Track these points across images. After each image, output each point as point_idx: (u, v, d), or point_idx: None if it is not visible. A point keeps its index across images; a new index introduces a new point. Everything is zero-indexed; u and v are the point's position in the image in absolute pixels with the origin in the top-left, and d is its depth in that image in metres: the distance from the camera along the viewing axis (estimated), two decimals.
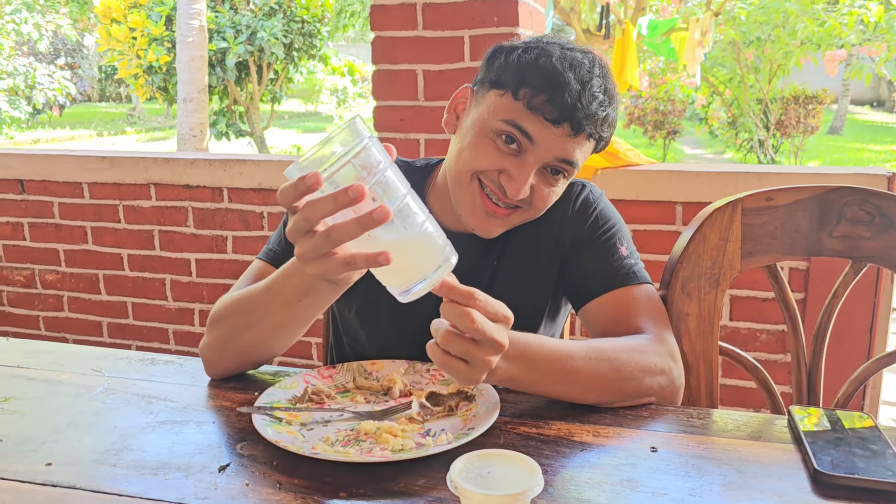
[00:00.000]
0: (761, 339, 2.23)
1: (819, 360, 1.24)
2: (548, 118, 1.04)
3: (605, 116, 1.07)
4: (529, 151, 1.06)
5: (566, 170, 1.09)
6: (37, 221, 2.97)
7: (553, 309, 1.24)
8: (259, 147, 10.35)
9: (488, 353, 0.83)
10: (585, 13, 10.48)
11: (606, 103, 1.07)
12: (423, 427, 0.93)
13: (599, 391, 0.98)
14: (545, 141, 1.05)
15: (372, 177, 0.76)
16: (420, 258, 0.80)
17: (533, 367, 0.94)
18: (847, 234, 1.19)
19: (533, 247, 1.20)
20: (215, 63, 9.00)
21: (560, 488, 0.80)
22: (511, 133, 1.06)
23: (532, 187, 1.08)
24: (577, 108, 1.04)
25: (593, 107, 1.04)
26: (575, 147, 1.07)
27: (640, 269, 1.16)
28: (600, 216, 1.20)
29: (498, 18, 2.22)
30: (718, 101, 12.11)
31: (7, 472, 0.85)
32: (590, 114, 1.04)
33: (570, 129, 1.05)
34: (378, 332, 1.23)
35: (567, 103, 1.03)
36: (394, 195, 0.77)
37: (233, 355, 1.09)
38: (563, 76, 1.04)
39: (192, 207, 2.76)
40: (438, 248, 0.80)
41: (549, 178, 1.10)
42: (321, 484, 0.81)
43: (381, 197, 0.76)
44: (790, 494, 0.78)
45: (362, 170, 0.75)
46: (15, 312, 3.10)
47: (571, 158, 1.07)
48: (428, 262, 0.80)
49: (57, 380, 1.12)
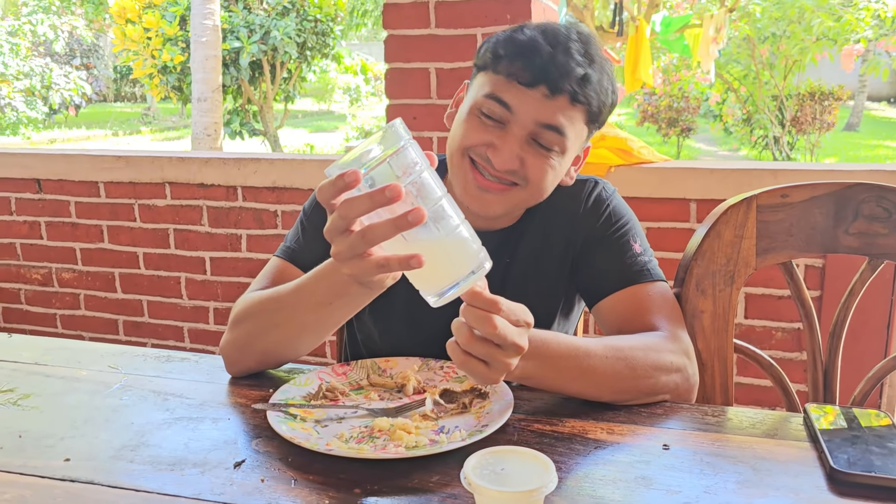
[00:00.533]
0: (777, 337, 2.21)
1: (835, 358, 1.23)
2: (522, 82, 1.04)
3: (586, 77, 1.05)
4: (512, 122, 1.06)
5: (556, 141, 1.07)
6: (54, 220, 3.00)
7: (566, 306, 1.24)
8: (272, 146, 10.39)
9: (509, 355, 0.84)
10: (598, 10, 10.44)
11: (586, 64, 1.05)
12: (436, 424, 0.93)
13: (615, 389, 0.98)
14: (523, 107, 1.05)
15: (407, 177, 0.76)
16: (454, 262, 0.80)
17: (550, 364, 0.94)
18: (864, 231, 1.18)
19: (546, 244, 1.20)
20: (229, 62, 9.06)
21: (574, 485, 0.80)
22: (491, 107, 1.06)
23: (523, 161, 1.07)
24: (550, 66, 1.03)
25: (570, 65, 1.03)
26: (556, 111, 1.05)
27: (654, 266, 1.16)
28: (613, 213, 1.19)
29: (511, 16, 2.22)
30: (733, 98, 12.03)
31: (27, 467, 0.86)
32: (565, 72, 1.03)
33: (547, 90, 1.03)
34: (391, 331, 1.23)
35: (539, 63, 1.03)
36: (429, 197, 0.77)
37: (255, 354, 1.09)
38: (535, 41, 1.05)
39: (207, 206, 2.78)
40: (472, 252, 0.80)
41: (539, 150, 1.07)
42: (336, 480, 0.82)
43: (416, 198, 0.76)
44: (806, 492, 0.78)
45: (399, 170, 0.76)
46: (32, 311, 3.13)
47: (554, 123, 1.05)
48: (461, 266, 0.80)
49: (74, 377, 1.13)
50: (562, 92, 1.04)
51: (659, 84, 11.99)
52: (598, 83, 1.07)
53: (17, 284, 3.13)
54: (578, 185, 1.21)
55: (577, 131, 1.09)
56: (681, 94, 12.10)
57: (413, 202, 0.76)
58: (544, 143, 1.07)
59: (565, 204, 1.19)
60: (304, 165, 2.63)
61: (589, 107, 1.07)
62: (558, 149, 1.08)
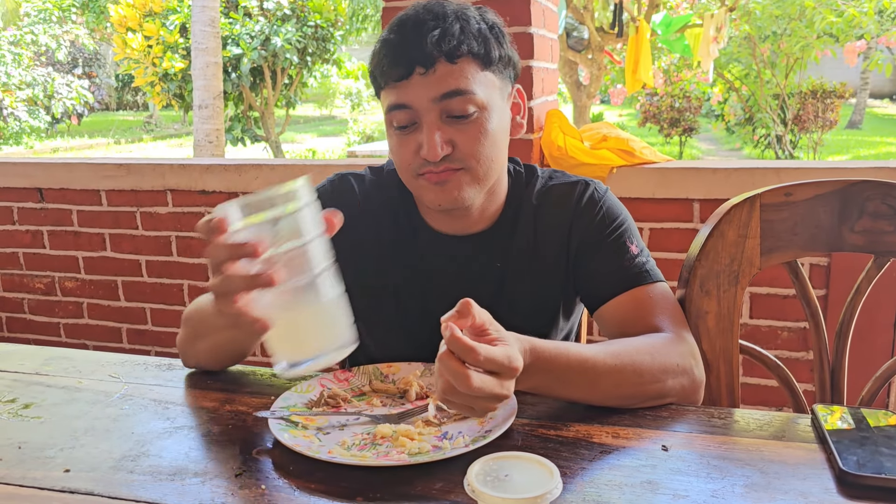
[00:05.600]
0: (782, 337, 2.20)
1: (842, 358, 1.22)
2: (399, 78, 1.04)
3: (445, 31, 1.02)
4: (418, 115, 1.05)
5: (465, 103, 1.04)
6: (56, 229, 3.00)
7: (567, 308, 1.22)
8: (274, 152, 10.41)
9: (490, 404, 0.82)
10: (599, 11, 10.44)
11: (441, 21, 1.03)
12: (439, 430, 0.92)
13: (623, 395, 0.97)
14: (415, 95, 1.04)
15: (284, 241, 0.77)
16: (315, 337, 0.80)
17: (558, 378, 0.93)
18: (869, 229, 1.17)
19: (539, 249, 1.18)
20: (230, 69, 9.07)
21: (579, 491, 0.79)
22: (397, 117, 1.06)
23: (452, 141, 1.05)
24: (410, 48, 1.03)
25: (425, 33, 1.02)
26: (443, 78, 1.03)
27: (652, 266, 1.14)
28: (607, 214, 1.16)
29: (510, 18, 2.21)
30: (735, 98, 12.01)
31: (26, 478, 0.86)
32: (423, 42, 1.02)
33: (421, 68, 1.02)
34: (387, 345, 1.23)
35: (400, 53, 1.04)
36: (301, 267, 0.77)
37: (198, 356, 1.15)
38: (388, 40, 1.06)
39: (209, 213, 2.77)
40: (337, 331, 0.80)
41: (459, 121, 1.05)
42: (338, 488, 0.81)
43: (288, 263, 0.77)
44: (815, 495, 0.77)
45: (284, 231, 0.77)
46: (36, 320, 3.13)
47: (449, 89, 1.03)
48: (322, 342, 0.80)
49: (75, 386, 1.12)
50: (433, 60, 1.02)
51: (660, 84, 11.98)
52: (464, 29, 1.04)
53: (20, 294, 3.13)
54: (569, 186, 1.19)
55: (481, 80, 1.05)
56: (682, 95, 12.08)
57: (283, 265, 0.76)
58: (458, 113, 1.04)
59: (557, 204, 1.18)
60: (305, 171, 2.63)
61: (471, 53, 1.04)
62: (474, 107, 1.05)
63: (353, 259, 1.18)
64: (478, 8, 1.10)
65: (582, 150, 2.27)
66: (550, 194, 1.19)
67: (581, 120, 10.41)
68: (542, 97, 2.34)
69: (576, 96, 10.60)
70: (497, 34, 1.09)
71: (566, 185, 1.20)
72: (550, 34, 2.43)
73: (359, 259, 1.18)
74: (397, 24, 1.07)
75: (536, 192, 1.20)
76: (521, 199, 1.20)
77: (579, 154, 2.26)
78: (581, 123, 9.83)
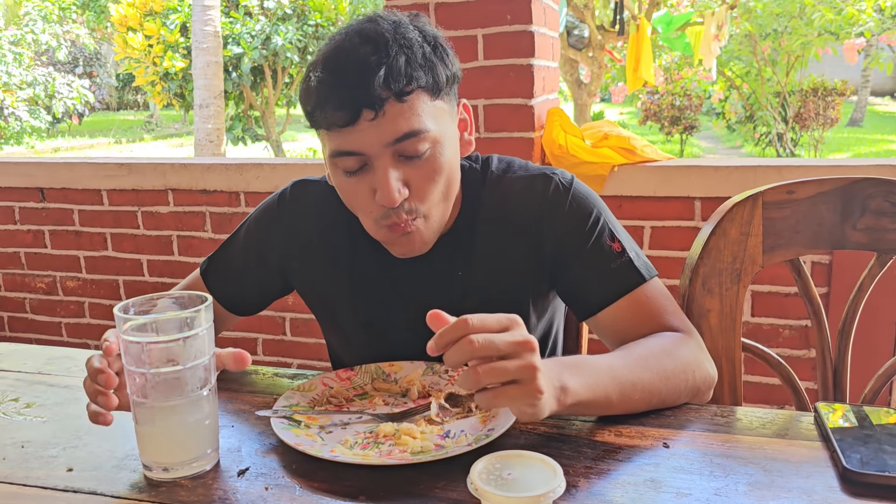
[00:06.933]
0: (784, 335, 2.20)
1: (845, 356, 1.21)
2: (345, 124, 0.95)
3: (392, 68, 0.93)
4: (369, 159, 0.97)
5: (418, 142, 0.96)
6: (57, 229, 3.00)
7: (539, 307, 1.15)
8: (275, 151, 10.41)
9: (520, 357, 0.75)
10: (599, 9, 10.44)
11: (384, 56, 0.94)
12: (442, 428, 0.92)
13: (657, 402, 0.95)
14: (366, 142, 0.95)
15: (154, 367, 0.81)
16: (169, 450, 0.84)
17: (596, 410, 0.91)
18: (871, 227, 1.17)
19: (503, 250, 1.11)
20: (231, 68, 9.07)
21: (582, 489, 0.79)
22: (345, 164, 0.99)
23: (408, 182, 0.98)
24: (355, 93, 0.93)
25: (369, 74, 0.93)
26: (394, 120, 0.94)
27: (642, 261, 1.07)
28: (580, 208, 1.08)
29: (511, 17, 2.21)
30: (735, 96, 12.00)
31: (29, 478, 0.86)
32: (370, 84, 0.92)
33: (371, 112, 0.93)
34: (350, 350, 1.22)
35: (344, 97, 0.94)
36: (172, 390, 0.82)
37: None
38: (324, 81, 0.95)
39: (210, 212, 2.77)
40: (193, 448, 0.85)
41: (413, 161, 0.98)
42: (340, 487, 0.81)
43: (145, 385, 0.81)
44: (819, 493, 0.77)
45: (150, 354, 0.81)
46: (38, 319, 3.14)
47: (405, 131, 0.95)
48: (178, 456, 0.84)
49: (77, 385, 1.12)
50: (382, 102, 0.93)
51: (661, 82, 11.98)
52: (410, 60, 0.95)
53: (21, 293, 3.13)
54: (530, 180, 1.11)
55: (431, 112, 0.98)
56: (683, 93, 12.07)
57: (143, 387, 0.82)
58: (411, 153, 0.97)
59: (519, 200, 1.10)
60: (306, 170, 2.63)
61: (420, 87, 0.96)
62: (427, 144, 0.97)
63: (310, 265, 1.18)
64: (413, 22, 1.01)
65: (583, 149, 2.27)
66: (510, 191, 1.11)
67: (582, 118, 10.42)
68: (542, 96, 2.34)
69: (576, 94, 10.60)
70: (441, 53, 1.00)
71: (526, 178, 1.11)
72: (551, 32, 2.43)
73: (315, 266, 1.17)
74: (333, 59, 0.96)
75: (494, 191, 1.12)
76: (478, 201, 1.12)
77: (580, 152, 2.26)
78: (582, 122, 9.83)
